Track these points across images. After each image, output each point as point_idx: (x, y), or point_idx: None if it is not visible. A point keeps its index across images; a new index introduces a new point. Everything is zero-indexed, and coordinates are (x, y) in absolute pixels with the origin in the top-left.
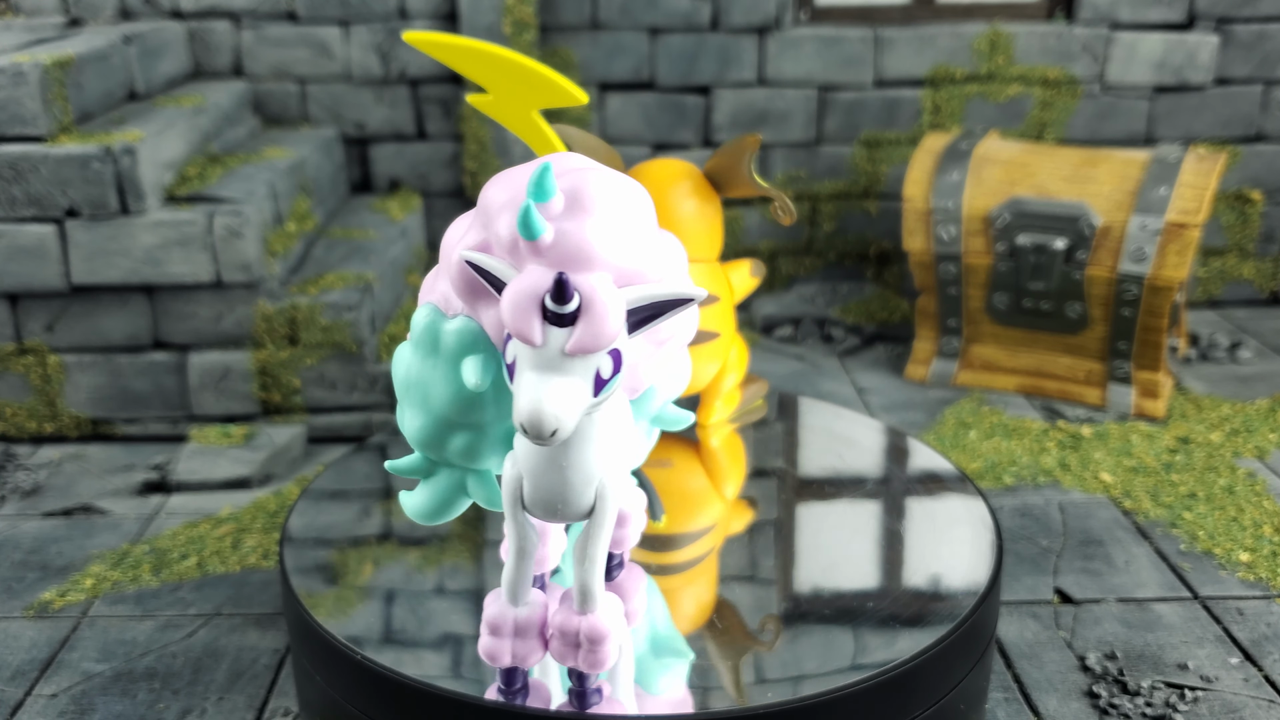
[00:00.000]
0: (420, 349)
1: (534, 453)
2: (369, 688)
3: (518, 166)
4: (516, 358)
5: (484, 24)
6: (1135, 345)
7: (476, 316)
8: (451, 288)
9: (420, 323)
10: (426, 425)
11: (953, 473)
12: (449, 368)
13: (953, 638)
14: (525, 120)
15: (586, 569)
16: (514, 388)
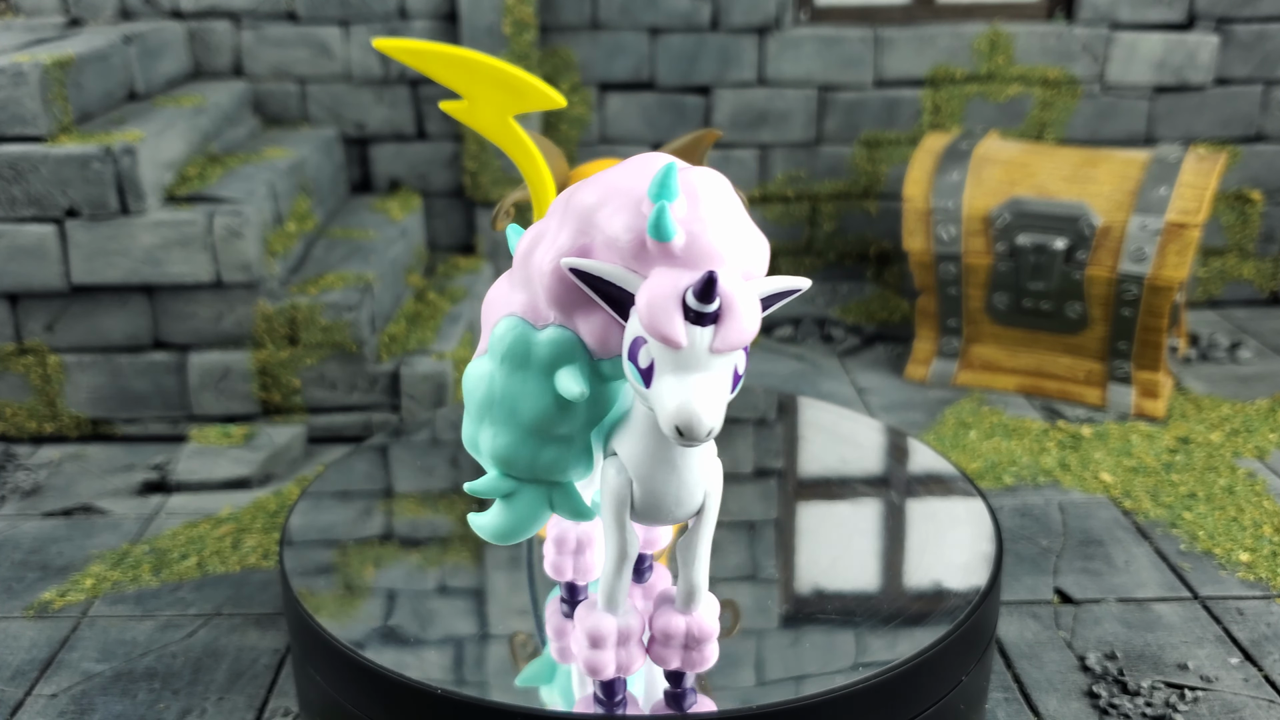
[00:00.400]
0: (508, 362)
1: (649, 457)
2: (369, 688)
3: (604, 170)
4: (655, 362)
5: (484, 24)
6: (1135, 345)
7: (573, 326)
8: (545, 298)
9: (507, 335)
10: (515, 441)
11: (953, 473)
12: (543, 380)
13: (953, 638)
14: (501, 126)
15: (696, 568)
16: (654, 392)
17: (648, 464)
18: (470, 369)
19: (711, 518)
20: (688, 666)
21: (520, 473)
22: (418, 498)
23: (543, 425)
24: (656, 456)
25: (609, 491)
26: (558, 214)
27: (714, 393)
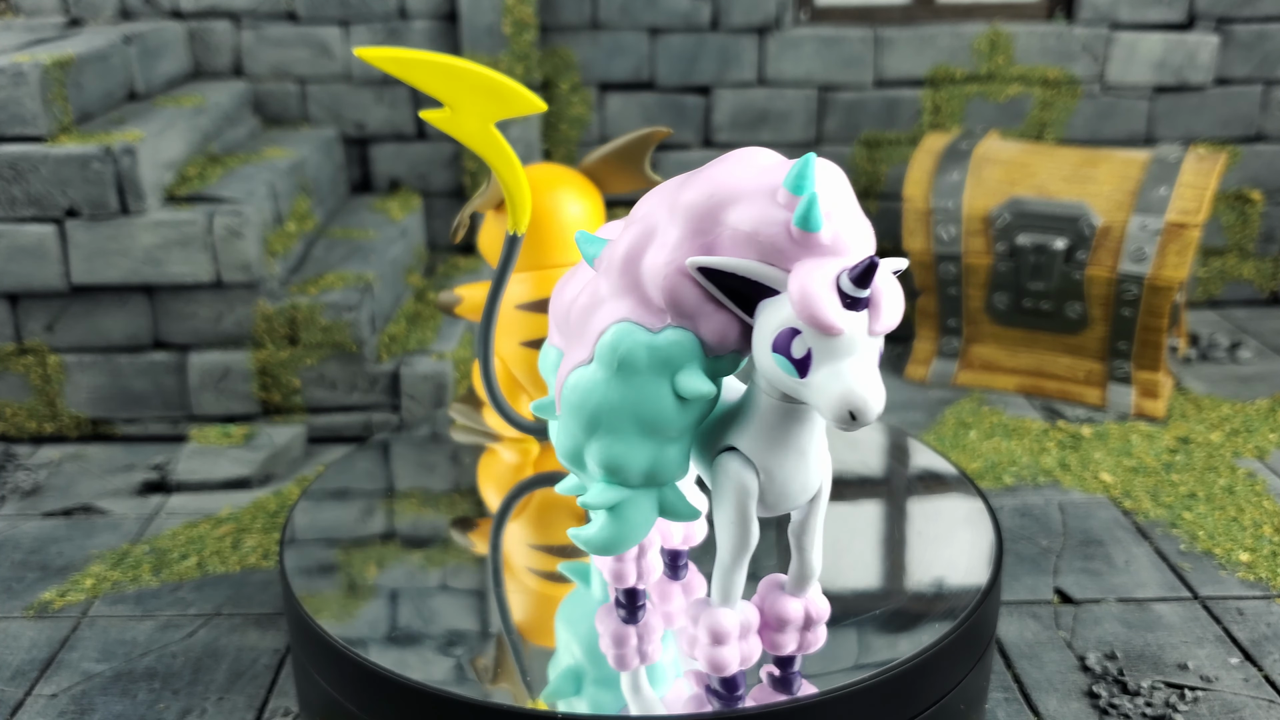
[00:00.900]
0: (626, 368)
1: (778, 447)
2: (369, 688)
3: (705, 166)
4: (813, 351)
5: (484, 24)
6: (1135, 345)
7: (690, 325)
8: (663, 299)
9: (624, 341)
10: (632, 447)
11: (953, 473)
12: (661, 382)
13: (953, 638)
14: (484, 133)
15: (814, 551)
16: (815, 381)
17: (777, 454)
18: (578, 379)
19: (825, 500)
20: (803, 648)
21: (634, 479)
22: (418, 497)
23: (661, 428)
24: (785, 446)
25: (734, 486)
26: (660, 216)
27: (875, 375)
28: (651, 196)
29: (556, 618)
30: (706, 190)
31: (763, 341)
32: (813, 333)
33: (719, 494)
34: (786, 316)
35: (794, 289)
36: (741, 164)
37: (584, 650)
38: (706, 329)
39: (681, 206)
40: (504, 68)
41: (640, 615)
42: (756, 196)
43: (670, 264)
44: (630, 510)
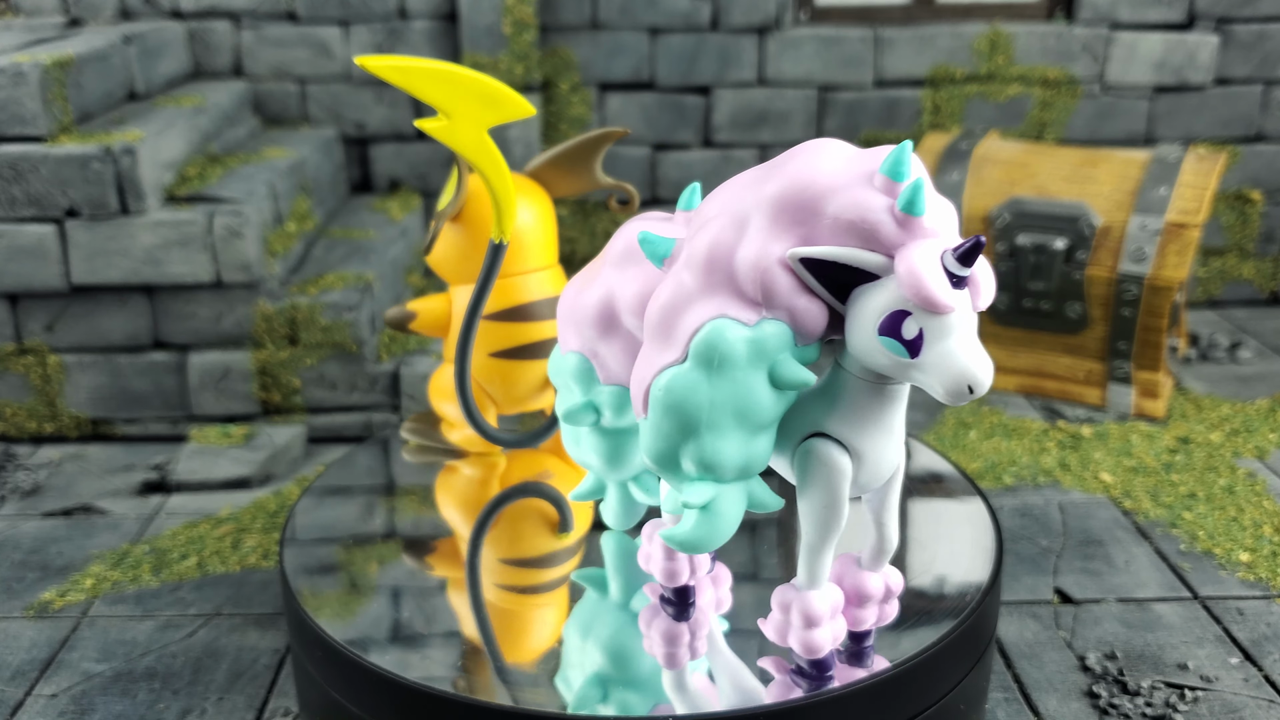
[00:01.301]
0: (727, 364)
1: (874, 428)
2: (369, 688)
3: (779, 161)
4: (923, 331)
5: (484, 24)
6: (1135, 345)
7: (790, 317)
8: (760, 293)
9: (722, 338)
10: (731, 442)
11: (953, 473)
12: (758, 374)
13: (953, 638)
14: (478, 140)
15: (893, 525)
16: (930, 359)
17: (869, 435)
18: (667, 384)
19: (901, 474)
20: (879, 622)
21: (729, 474)
22: (419, 496)
23: (757, 420)
24: (877, 426)
25: (831, 470)
26: (744, 211)
27: (981, 349)
28: (721, 193)
29: (568, 626)
30: (798, 183)
31: (866, 326)
32: (923, 313)
33: (810, 479)
34: (893, 299)
35: (905, 271)
36: (824, 155)
37: (608, 655)
38: (801, 319)
39: (771, 200)
40: (504, 68)
41: (691, 613)
42: (854, 185)
43: (767, 256)
44: (724, 505)
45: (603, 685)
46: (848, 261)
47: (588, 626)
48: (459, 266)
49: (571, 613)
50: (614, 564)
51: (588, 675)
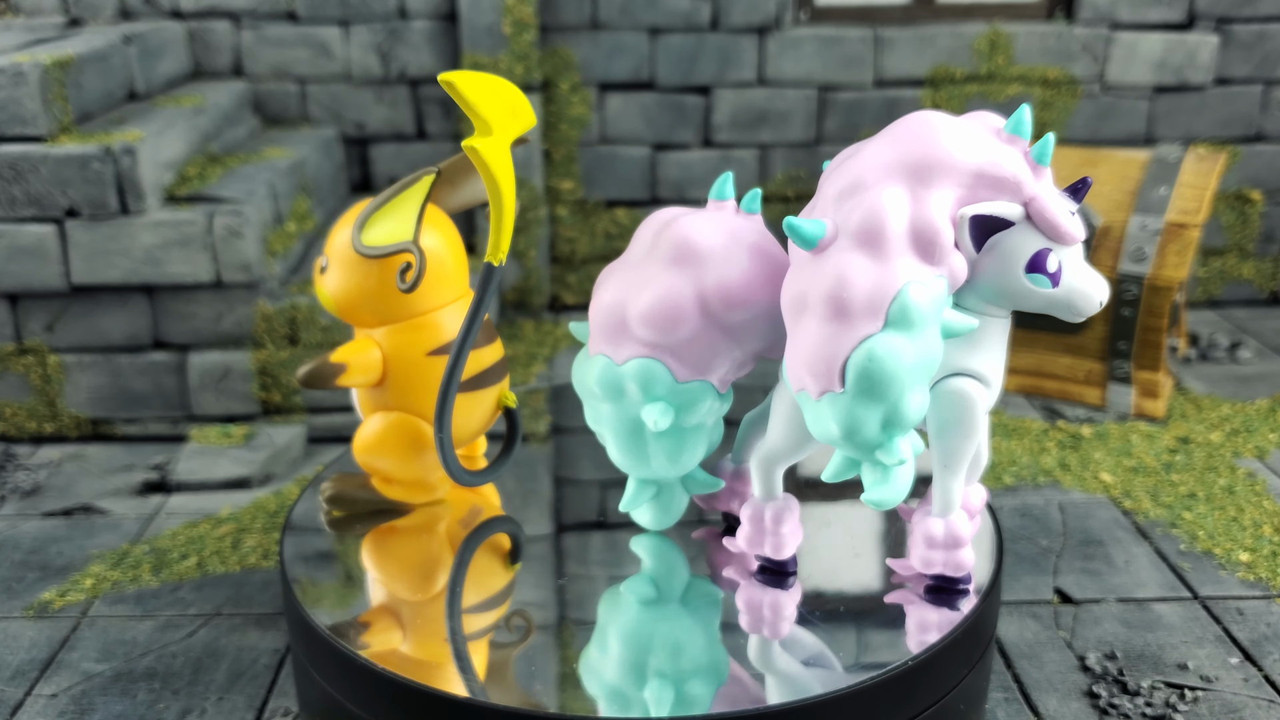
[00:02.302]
0: (925, 323)
1: (998, 360)
2: (369, 688)
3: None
4: (1062, 264)
5: (484, 24)
6: (1135, 345)
7: (950, 270)
8: (939, 254)
9: (919, 298)
10: (921, 395)
11: None
12: (938, 327)
13: (953, 638)
14: (505, 156)
15: (987, 441)
16: (1071, 284)
17: (997, 364)
18: (874, 352)
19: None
20: (949, 569)
21: (916, 425)
22: None
23: (935, 370)
24: (1000, 358)
25: (975, 403)
26: (893, 183)
27: (1092, 269)
28: (847, 171)
29: (608, 628)
30: (931, 147)
31: (1013, 267)
32: (1060, 248)
33: (954, 414)
34: (1035, 240)
35: (1048, 214)
36: (939, 122)
37: (667, 652)
38: (956, 271)
39: (908, 167)
40: (504, 68)
41: (793, 582)
42: (995, 146)
43: (930, 218)
44: (898, 473)
45: (635, 682)
46: (1002, 215)
47: (606, 626)
48: (378, 307)
49: (597, 610)
50: (655, 564)
51: (614, 674)
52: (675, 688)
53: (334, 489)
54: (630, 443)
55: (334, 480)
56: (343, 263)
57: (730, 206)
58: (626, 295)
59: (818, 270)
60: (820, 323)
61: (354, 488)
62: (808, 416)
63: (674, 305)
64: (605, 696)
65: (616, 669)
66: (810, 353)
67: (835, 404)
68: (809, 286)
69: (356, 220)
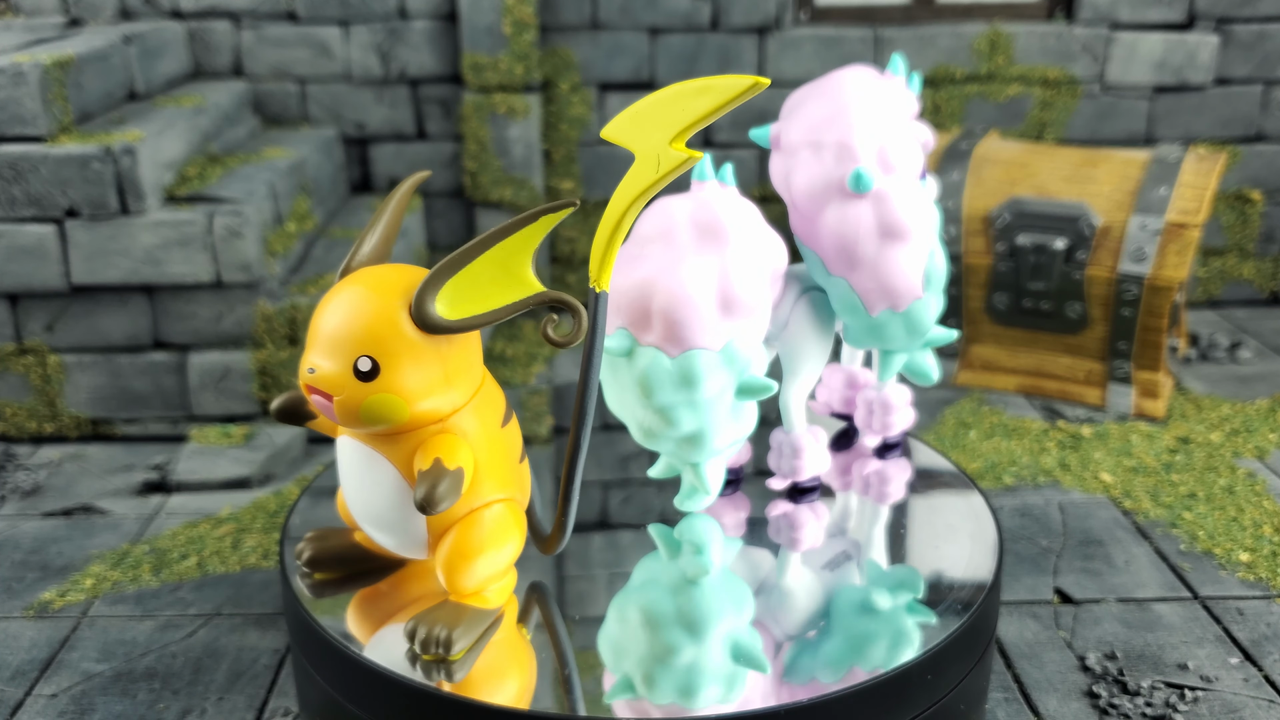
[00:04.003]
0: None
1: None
2: (369, 688)
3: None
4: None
5: (484, 24)
6: (1135, 345)
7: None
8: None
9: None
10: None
11: (953, 472)
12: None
13: (953, 638)
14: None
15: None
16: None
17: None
18: (941, 262)
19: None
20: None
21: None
22: None
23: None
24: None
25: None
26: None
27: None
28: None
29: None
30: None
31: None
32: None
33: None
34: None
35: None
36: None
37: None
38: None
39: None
40: (504, 68)
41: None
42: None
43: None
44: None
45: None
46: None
47: (619, 618)
48: (459, 387)
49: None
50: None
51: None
52: (674, 684)
53: (313, 549)
54: (704, 422)
55: (312, 539)
56: (411, 353)
57: (712, 185)
58: (691, 290)
59: (864, 217)
60: (879, 251)
61: (337, 546)
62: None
63: (729, 289)
64: (602, 693)
65: (614, 662)
66: (886, 270)
67: (920, 306)
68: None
69: (418, 294)
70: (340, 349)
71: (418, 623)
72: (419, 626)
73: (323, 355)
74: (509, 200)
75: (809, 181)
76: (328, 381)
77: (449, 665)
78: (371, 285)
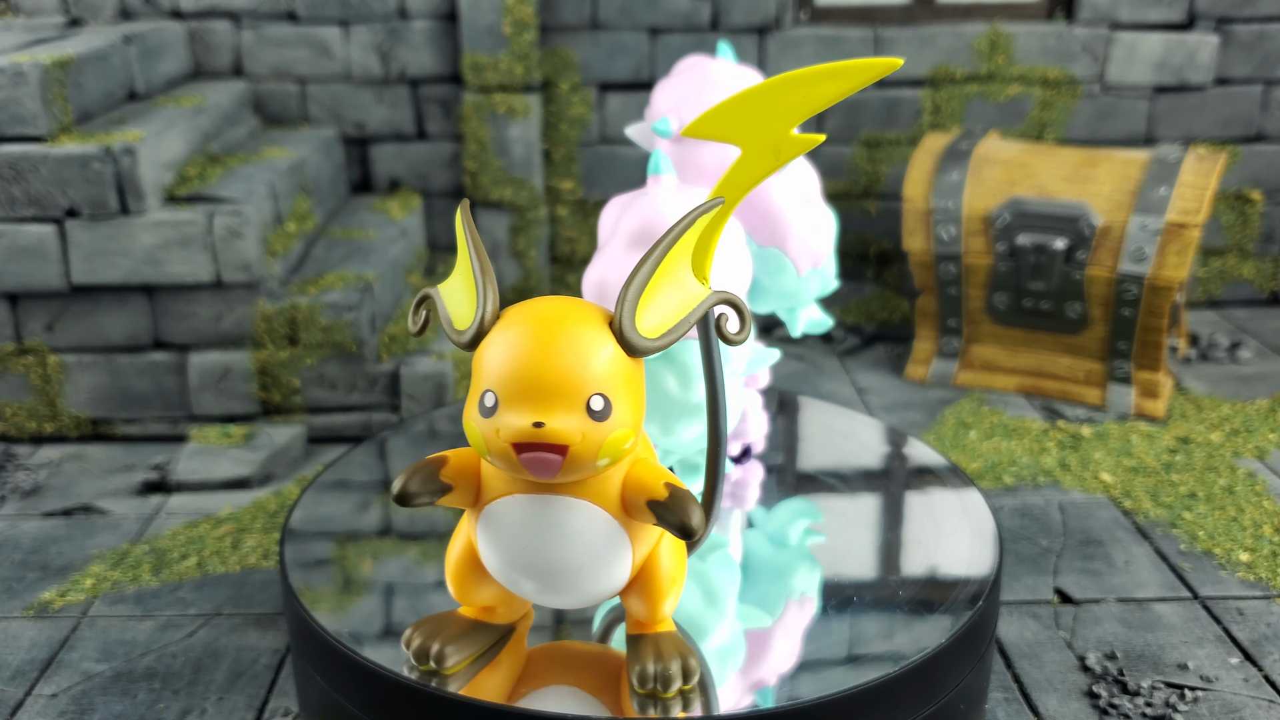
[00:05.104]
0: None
1: None
2: (369, 688)
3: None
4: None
5: (484, 24)
6: (1135, 345)
7: None
8: None
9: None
10: None
11: (953, 473)
12: None
13: (953, 637)
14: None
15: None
16: None
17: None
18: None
19: None
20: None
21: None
22: None
23: None
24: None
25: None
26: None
27: None
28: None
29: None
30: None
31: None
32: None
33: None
34: None
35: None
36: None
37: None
38: None
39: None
40: (504, 68)
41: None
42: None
43: None
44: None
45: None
46: None
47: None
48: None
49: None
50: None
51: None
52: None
53: (441, 641)
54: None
55: (427, 632)
56: (628, 381)
57: (668, 180)
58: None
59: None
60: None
61: (459, 630)
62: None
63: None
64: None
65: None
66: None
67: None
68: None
69: (621, 321)
70: (569, 394)
71: (653, 663)
72: (655, 666)
73: (547, 406)
74: (509, 200)
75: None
76: (562, 433)
77: (686, 694)
78: (571, 321)
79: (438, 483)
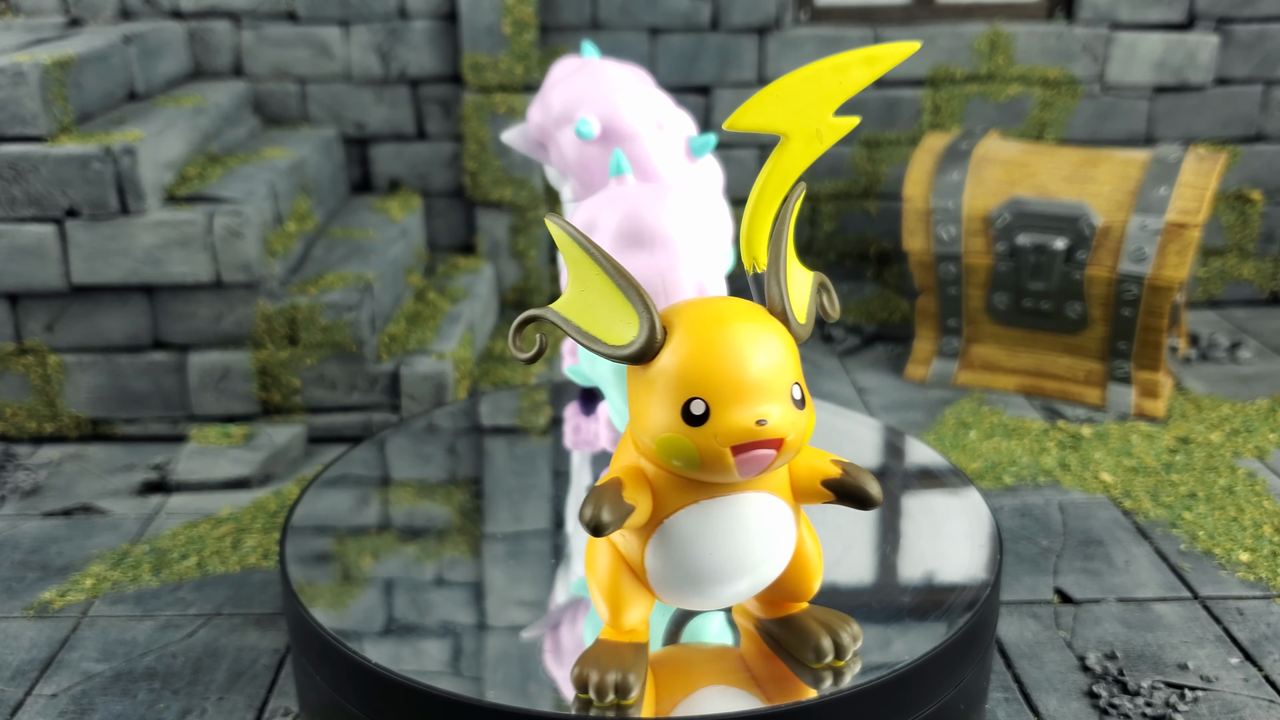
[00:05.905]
0: None
1: None
2: (369, 687)
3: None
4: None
5: (484, 24)
6: (1135, 345)
7: None
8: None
9: None
10: None
11: (953, 473)
12: None
13: (953, 638)
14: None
15: None
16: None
17: None
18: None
19: None
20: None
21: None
22: (419, 493)
23: None
24: None
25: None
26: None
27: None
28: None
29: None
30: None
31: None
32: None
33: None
34: None
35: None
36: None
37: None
38: None
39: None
40: (504, 68)
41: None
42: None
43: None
44: None
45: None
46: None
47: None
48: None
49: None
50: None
51: None
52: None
53: (618, 678)
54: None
55: (590, 667)
56: (800, 369)
57: (629, 180)
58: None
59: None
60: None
61: (630, 660)
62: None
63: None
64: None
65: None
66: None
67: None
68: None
69: (787, 311)
70: (776, 388)
71: (826, 637)
72: (827, 639)
73: (765, 401)
74: (509, 200)
75: (664, 155)
76: (782, 425)
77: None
78: (755, 318)
79: (625, 506)
